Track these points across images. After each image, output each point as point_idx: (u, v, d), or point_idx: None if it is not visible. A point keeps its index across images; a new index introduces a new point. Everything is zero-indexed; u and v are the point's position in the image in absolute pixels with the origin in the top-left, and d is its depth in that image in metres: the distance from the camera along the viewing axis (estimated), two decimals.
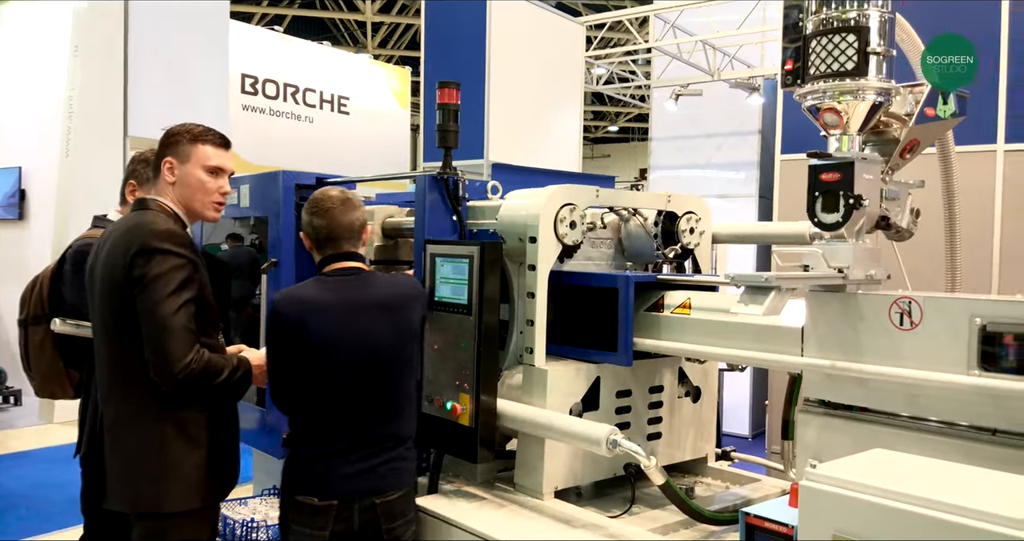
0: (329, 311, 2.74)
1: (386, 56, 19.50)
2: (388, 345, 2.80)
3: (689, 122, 8.99)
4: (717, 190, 9.43)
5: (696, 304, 3.16)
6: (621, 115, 22.66)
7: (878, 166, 2.81)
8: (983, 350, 2.43)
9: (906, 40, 2.98)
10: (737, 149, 8.80)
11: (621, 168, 22.23)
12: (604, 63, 10.17)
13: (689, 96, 8.52)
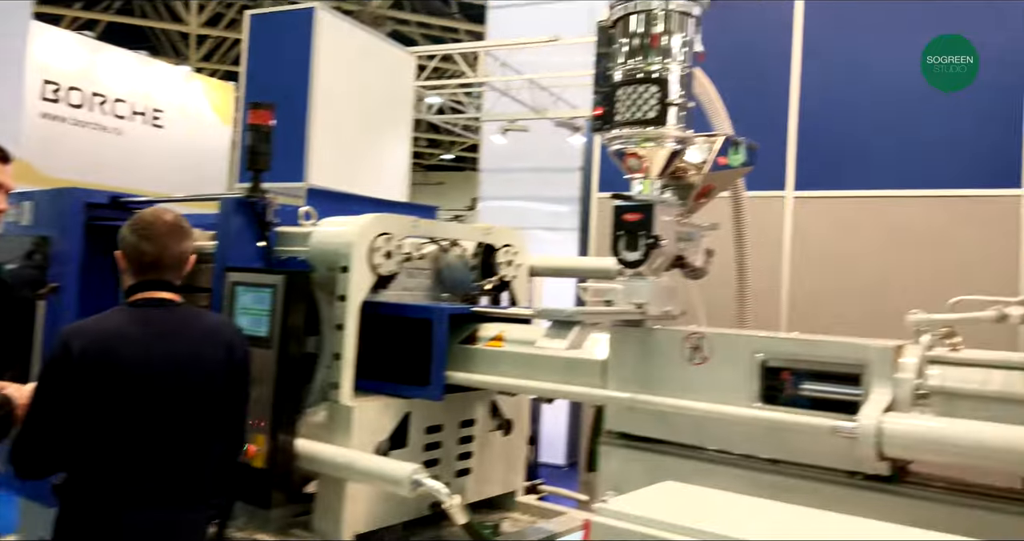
0: (133, 346, 2.43)
1: (211, 70, 18.63)
2: (196, 391, 2.52)
3: (517, 156, 9.25)
4: (543, 223, 9.73)
5: (509, 337, 3.19)
6: (456, 144, 22.86)
7: (675, 209, 2.99)
8: (764, 384, 2.62)
9: (703, 93, 3.21)
10: (561, 184, 9.14)
11: (455, 196, 22.45)
12: (438, 93, 10.28)
13: (517, 131, 8.78)
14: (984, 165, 5.03)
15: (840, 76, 5.34)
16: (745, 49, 5.54)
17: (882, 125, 5.23)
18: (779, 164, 5.42)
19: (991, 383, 2.36)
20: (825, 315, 5.08)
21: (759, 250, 5.36)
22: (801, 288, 5.31)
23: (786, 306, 5.32)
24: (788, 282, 5.35)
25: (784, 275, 5.36)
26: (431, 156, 24.34)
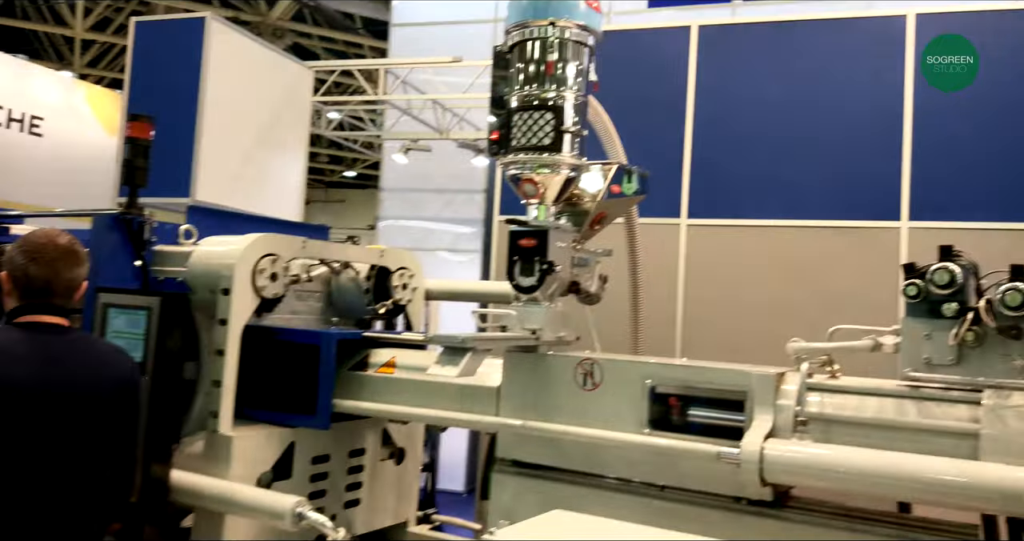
0: (25, 367, 2.22)
1: (97, 77, 17.78)
2: (91, 420, 2.32)
3: (420, 176, 9.20)
4: (446, 244, 9.69)
5: (402, 363, 3.14)
6: (359, 161, 22.57)
7: (570, 235, 3.02)
8: (653, 410, 2.66)
9: (598, 121, 3.28)
10: (465, 206, 9.15)
11: (357, 215, 22.12)
12: (339, 109, 10.15)
13: (419, 151, 8.75)
14: (867, 198, 5.32)
15: (734, 107, 5.56)
16: (643, 79, 5.70)
17: (773, 156, 5.46)
18: (675, 192, 5.58)
19: (866, 410, 2.47)
20: (718, 340, 5.23)
21: (655, 276, 5.50)
22: (695, 313, 5.45)
23: (680, 331, 5.46)
24: (682, 307, 5.49)
25: (679, 301, 5.50)
26: (333, 173, 23.94)
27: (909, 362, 2.51)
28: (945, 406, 2.42)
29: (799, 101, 5.48)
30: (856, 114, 5.33)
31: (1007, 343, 2.39)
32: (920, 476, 2.19)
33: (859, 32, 5.50)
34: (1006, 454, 2.24)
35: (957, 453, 2.31)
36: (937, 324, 2.47)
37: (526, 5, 2.92)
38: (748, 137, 5.54)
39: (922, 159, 5.17)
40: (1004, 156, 5.09)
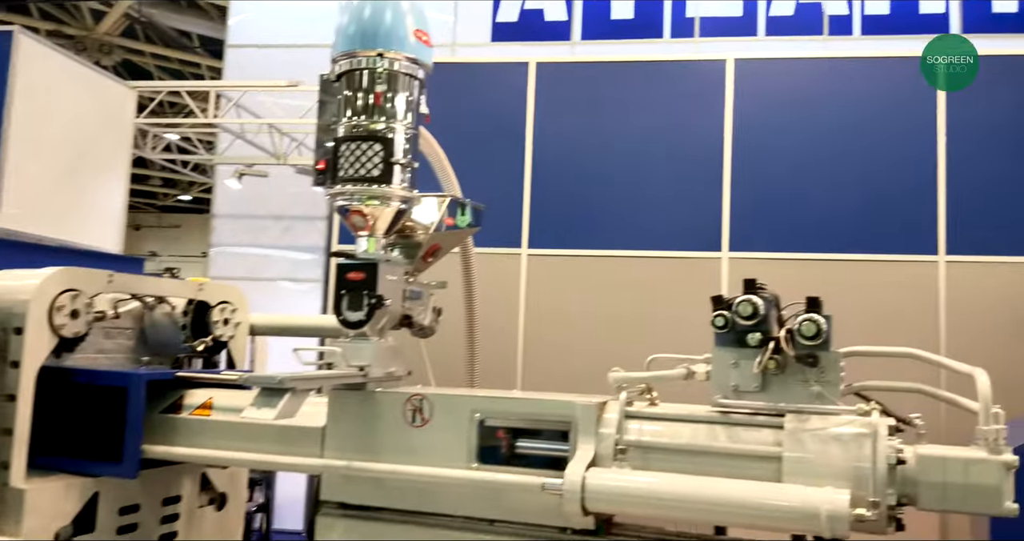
0: None
1: None
2: None
3: (256, 202, 8.90)
4: (285, 272, 9.39)
5: (219, 404, 2.99)
6: (195, 184, 21.56)
7: (402, 268, 3.01)
8: (481, 444, 2.68)
9: (432, 153, 3.30)
10: (305, 233, 8.92)
11: (192, 241, 21.08)
12: (173, 131, 9.67)
13: (255, 176, 8.47)
14: (692, 229, 5.66)
15: (571, 141, 5.78)
16: (486, 111, 5.83)
17: (609, 189, 5.71)
18: (516, 222, 5.71)
19: (680, 436, 2.60)
20: (557, 370, 5.36)
21: (497, 307, 5.60)
22: (535, 344, 5.57)
23: (521, 362, 5.55)
24: (523, 338, 5.60)
25: (519, 331, 5.61)
26: (167, 196, 22.72)
27: (719, 389, 2.67)
28: (752, 431, 2.59)
29: (631, 136, 5.77)
30: (682, 150, 5.68)
31: (805, 370, 2.60)
32: (727, 500, 2.32)
33: (685, 73, 5.88)
34: (806, 475, 2.42)
35: (763, 476, 2.47)
36: (743, 353, 2.64)
37: (354, 34, 2.91)
38: (585, 170, 5.78)
39: (740, 194, 5.57)
40: (820, 193, 5.57)
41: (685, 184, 5.70)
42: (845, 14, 8.74)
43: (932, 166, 5.48)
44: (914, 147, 5.53)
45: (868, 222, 5.51)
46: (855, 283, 5.41)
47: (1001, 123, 5.45)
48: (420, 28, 2.97)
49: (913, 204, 5.48)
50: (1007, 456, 2.40)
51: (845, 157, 5.58)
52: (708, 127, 5.69)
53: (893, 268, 5.45)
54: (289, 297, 9.19)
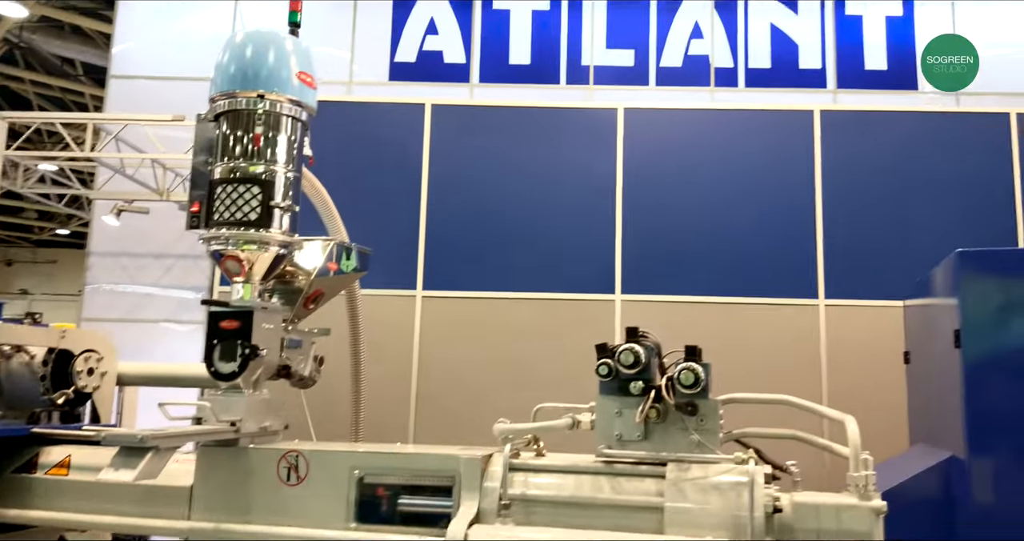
0: None
1: None
2: None
3: (136, 239, 8.51)
4: (168, 313, 8.98)
5: (79, 462, 2.79)
6: (74, 218, 20.51)
7: (280, 315, 2.90)
8: (361, 502, 2.58)
9: (316, 197, 3.23)
10: (189, 272, 8.58)
11: (68, 277, 19.97)
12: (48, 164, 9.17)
13: (135, 212, 8.10)
14: (586, 272, 5.73)
15: (467, 182, 5.79)
16: (382, 152, 5.78)
17: (504, 231, 5.73)
18: (411, 264, 5.64)
19: (565, 488, 2.58)
20: (452, 419, 5.29)
21: (390, 352, 5.50)
22: (429, 391, 5.47)
23: (414, 411, 5.45)
24: (416, 385, 5.50)
25: (413, 378, 5.51)
26: (43, 230, 21.49)
27: (603, 438, 2.68)
28: (635, 481, 2.60)
29: (526, 179, 5.83)
30: (576, 193, 5.78)
31: (685, 418, 2.64)
32: None
33: (579, 120, 6.01)
34: (686, 525, 2.44)
35: (646, 527, 2.48)
36: (626, 401, 2.66)
37: (234, 74, 2.83)
38: (481, 212, 5.78)
39: (633, 237, 5.70)
40: (708, 237, 5.75)
41: (579, 227, 5.78)
42: (730, 67, 9.19)
43: (811, 213, 5.75)
44: (795, 195, 5.80)
45: (754, 266, 5.71)
46: (744, 325, 5.58)
47: (871, 173, 5.79)
48: (304, 70, 2.91)
49: (795, 250, 5.72)
50: (876, 502, 2.48)
51: (731, 203, 5.79)
52: (601, 172, 5.81)
53: (778, 311, 5.65)
54: (172, 340, 8.79)
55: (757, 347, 5.48)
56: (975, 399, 3.41)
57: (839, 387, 5.42)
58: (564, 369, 5.27)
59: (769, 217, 5.76)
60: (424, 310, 5.66)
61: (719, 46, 9.23)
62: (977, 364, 3.42)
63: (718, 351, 5.29)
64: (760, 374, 5.65)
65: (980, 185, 5.76)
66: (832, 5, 9.10)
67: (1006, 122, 5.91)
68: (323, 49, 8.70)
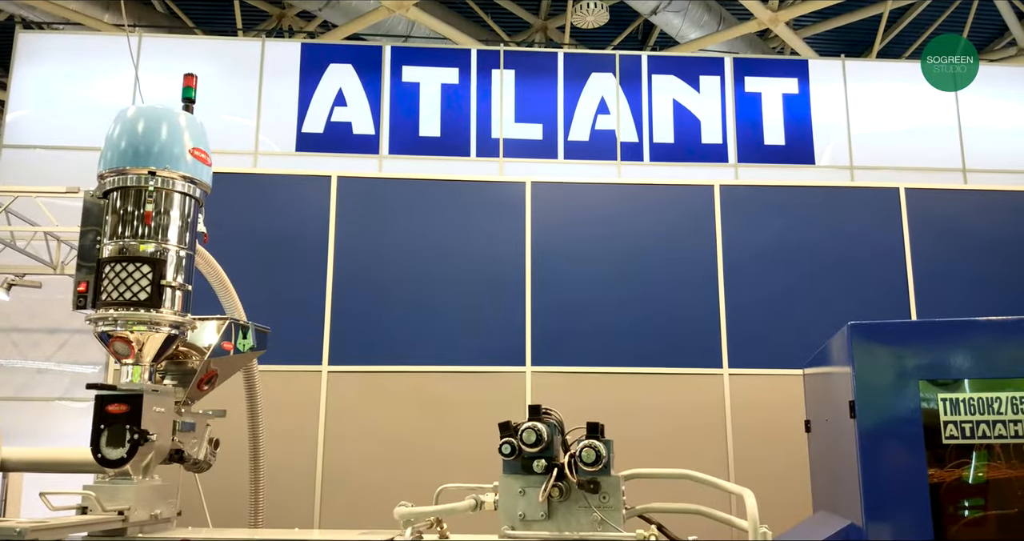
0: None
1: None
2: None
3: (28, 314, 8.14)
4: (61, 390, 8.53)
5: None
6: None
7: (172, 397, 2.82)
8: None
9: (211, 274, 3.19)
10: (84, 347, 8.21)
11: None
12: None
13: (26, 286, 7.77)
14: (498, 344, 5.76)
15: (374, 256, 5.79)
16: (284, 224, 5.75)
17: (413, 303, 5.74)
18: (317, 338, 5.57)
19: None
20: (359, 502, 5.16)
21: (295, 431, 5.37)
22: (336, 472, 5.34)
23: (320, 493, 5.29)
24: (322, 467, 5.35)
25: (319, 459, 5.37)
26: None
27: (507, 518, 2.67)
28: None
29: (434, 253, 5.88)
30: (485, 266, 5.85)
31: (588, 496, 2.66)
32: None
33: (487, 193, 6.14)
34: None
35: None
36: (530, 480, 2.68)
37: (125, 150, 2.81)
38: (388, 286, 5.78)
39: (542, 309, 5.79)
40: (615, 309, 5.89)
41: (489, 299, 5.84)
42: (636, 141, 9.58)
43: (714, 285, 5.97)
44: (698, 268, 6.02)
45: (661, 337, 5.87)
46: (653, 395, 5.70)
47: (770, 245, 6.08)
48: (198, 146, 2.92)
49: (700, 320, 5.92)
50: None
51: (638, 275, 5.97)
52: (510, 244, 5.92)
53: (685, 381, 5.80)
54: (67, 418, 8.33)
55: (665, 416, 5.60)
56: (870, 467, 3.55)
57: (745, 455, 5.56)
58: (475, 444, 5.24)
59: (675, 289, 5.95)
60: (330, 386, 5.57)
61: (625, 121, 9.63)
62: (871, 433, 3.57)
63: (628, 421, 5.41)
64: (669, 443, 5.76)
65: (874, 257, 6.12)
66: (732, 82, 9.66)
67: (896, 196, 6.34)
68: (229, 119, 8.68)
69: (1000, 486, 3.58)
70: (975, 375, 3.56)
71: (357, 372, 5.61)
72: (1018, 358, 3.52)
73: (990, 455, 3.55)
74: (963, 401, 3.49)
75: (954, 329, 3.67)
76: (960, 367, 3.57)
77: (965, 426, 3.46)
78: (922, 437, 3.47)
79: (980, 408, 3.47)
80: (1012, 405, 3.45)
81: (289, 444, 5.27)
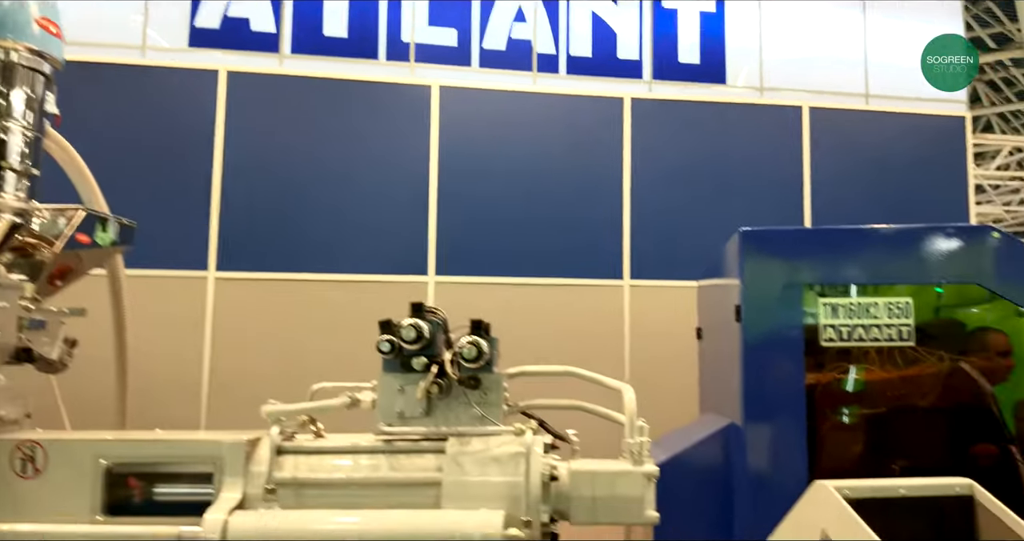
0: None
1: None
2: None
3: None
4: None
5: None
6: None
7: (16, 292, 2.61)
8: (109, 494, 2.37)
9: (65, 160, 2.94)
10: None
11: None
12: None
13: None
14: (399, 252, 5.64)
15: (269, 157, 5.51)
16: (170, 121, 5.40)
17: (304, 209, 5.51)
18: (202, 242, 5.32)
19: (340, 469, 2.49)
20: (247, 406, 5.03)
21: (179, 336, 5.16)
22: (224, 377, 5.19)
23: (207, 400, 5.15)
24: (208, 371, 5.20)
25: (205, 364, 5.20)
26: None
27: (384, 416, 2.61)
28: (414, 458, 2.55)
29: (335, 156, 5.65)
30: (389, 173, 5.67)
31: (468, 393, 2.62)
32: (375, 532, 2.25)
33: (393, 96, 5.90)
34: (463, 499, 2.43)
35: (423, 503, 2.44)
36: (409, 378, 2.61)
37: None
38: (284, 189, 5.55)
39: (446, 218, 5.68)
40: (521, 219, 5.82)
41: (391, 207, 5.67)
42: (552, 53, 9.33)
43: (619, 198, 5.96)
44: (605, 180, 5.99)
45: (565, 248, 5.85)
46: (554, 305, 5.72)
47: (676, 162, 6.09)
48: (47, 16, 2.63)
49: (603, 232, 5.92)
50: (648, 467, 2.57)
51: (544, 186, 5.89)
52: (415, 150, 5.74)
53: (586, 291, 5.83)
54: None
55: (566, 326, 5.63)
56: (751, 369, 3.63)
57: (641, 364, 5.67)
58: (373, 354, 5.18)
59: (581, 201, 5.92)
60: (218, 291, 5.36)
61: (542, 32, 9.34)
62: (754, 336, 3.63)
63: (530, 331, 5.41)
64: (568, 353, 5.77)
65: (776, 174, 6.21)
66: None
67: (800, 115, 6.41)
68: (115, 13, 8.02)
69: (873, 387, 3.74)
70: (857, 281, 3.65)
71: (248, 279, 5.42)
72: (897, 266, 3.61)
73: (865, 359, 3.68)
74: (843, 306, 3.58)
75: (838, 237, 3.74)
76: (843, 274, 3.65)
77: (843, 330, 3.56)
78: (802, 341, 3.56)
79: (859, 313, 3.57)
80: (888, 310, 3.56)
81: (174, 352, 5.10)
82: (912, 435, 3.83)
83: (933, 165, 6.48)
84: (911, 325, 3.56)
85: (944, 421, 3.87)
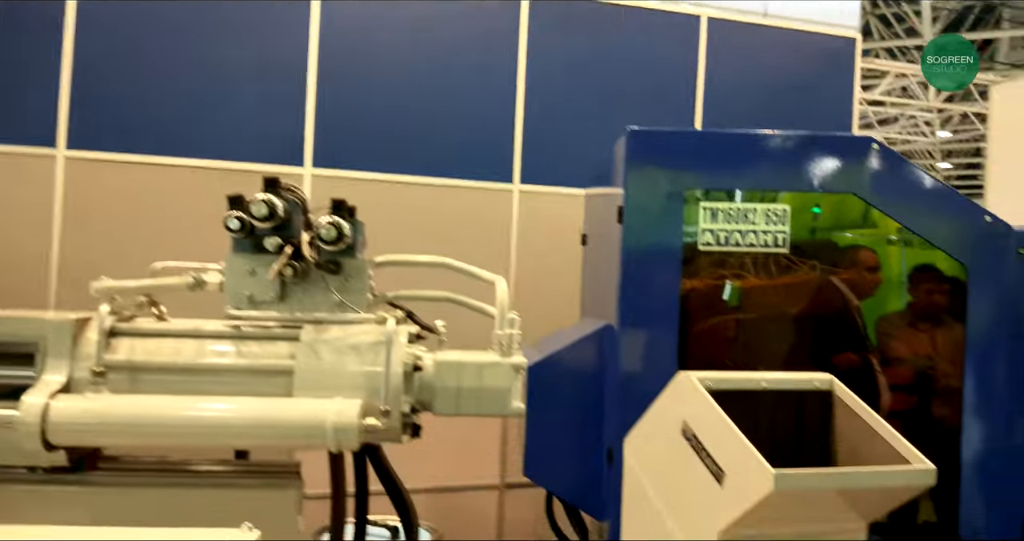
0: None
1: None
2: None
3: None
4: None
5: None
6: None
7: None
8: None
9: None
10: None
11: None
12: None
13: None
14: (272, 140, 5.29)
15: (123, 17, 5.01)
16: None
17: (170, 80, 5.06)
18: (50, 115, 4.83)
19: (180, 354, 2.31)
20: None
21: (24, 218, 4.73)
22: (74, 267, 4.80)
23: (56, 278, 4.78)
24: (57, 258, 4.80)
25: (54, 250, 4.80)
26: None
27: (233, 300, 2.43)
28: (266, 344, 2.39)
29: (206, 27, 5.18)
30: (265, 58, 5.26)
31: (328, 278, 2.45)
32: (217, 421, 2.10)
33: None
34: (318, 388, 2.30)
35: (273, 392, 2.29)
36: (261, 260, 2.42)
37: None
38: (145, 59, 5.08)
39: (326, 107, 5.36)
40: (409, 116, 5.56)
41: (266, 93, 5.29)
42: None
43: (512, 101, 5.77)
44: (498, 82, 5.78)
45: (454, 148, 5.66)
46: (440, 206, 5.56)
47: (572, 64, 5.91)
48: None
49: (495, 135, 5.75)
50: (516, 359, 2.50)
51: (435, 85, 5.63)
52: (293, 39, 5.34)
53: (474, 194, 5.68)
54: None
55: (452, 228, 5.48)
56: (629, 271, 3.58)
57: (526, 267, 5.63)
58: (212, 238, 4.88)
59: (474, 100, 5.70)
60: (68, 172, 4.90)
61: None
62: (634, 238, 3.57)
63: (412, 230, 5.24)
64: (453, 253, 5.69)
65: (670, 81, 6.15)
66: None
67: (698, 23, 6.34)
68: None
69: (746, 294, 3.77)
70: (739, 187, 3.62)
71: (104, 161, 4.97)
72: (779, 173, 3.60)
73: (740, 267, 3.69)
74: (722, 210, 3.56)
75: (724, 141, 3.68)
76: (726, 179, 3.61)
77: (721, 234, 3.55)
78: (681, 243, 3.53)
79: (737, 218, 3.56)
80: (765, 216, 3.57)
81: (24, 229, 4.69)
82: (780, 342, 3.93)
83: (823, 84, 6.58)
84: (787, 232, 3.58)
85: (811, 330, 3.98)
